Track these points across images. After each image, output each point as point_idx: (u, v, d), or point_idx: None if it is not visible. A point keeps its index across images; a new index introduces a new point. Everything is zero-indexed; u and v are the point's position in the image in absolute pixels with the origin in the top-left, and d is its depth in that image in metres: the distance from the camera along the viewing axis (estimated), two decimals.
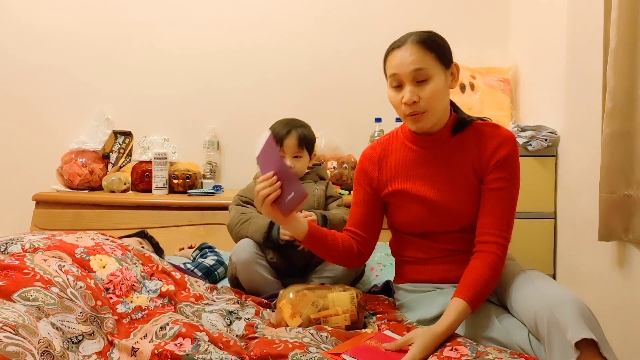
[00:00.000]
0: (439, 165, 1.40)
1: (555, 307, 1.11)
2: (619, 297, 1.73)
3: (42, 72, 2.67)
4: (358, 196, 1.51)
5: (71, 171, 2.50)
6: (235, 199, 1.85)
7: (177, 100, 2.70)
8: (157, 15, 2.67)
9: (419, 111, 1.32)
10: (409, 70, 1.30)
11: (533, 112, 2.41)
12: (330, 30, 2.68)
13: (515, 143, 1.37)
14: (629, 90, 1.58)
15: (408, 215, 1.43)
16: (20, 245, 1.38)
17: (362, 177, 1.50)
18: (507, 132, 1.38)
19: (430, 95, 1.31)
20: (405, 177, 1.43)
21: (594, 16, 1.80)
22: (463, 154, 1.38)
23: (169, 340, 1.17)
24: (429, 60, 1.31)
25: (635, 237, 1.60)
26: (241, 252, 1.65)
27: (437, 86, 1.31)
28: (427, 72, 1.30)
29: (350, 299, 1.43)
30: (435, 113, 1.34)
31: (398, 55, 1.33)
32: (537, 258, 2.12)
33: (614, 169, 1.62)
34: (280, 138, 1.72)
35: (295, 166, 1.75)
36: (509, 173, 1.35)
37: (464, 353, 1.13)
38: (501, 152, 1.35)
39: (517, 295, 1.26)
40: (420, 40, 1.31)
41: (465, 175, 1.38)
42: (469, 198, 1.37)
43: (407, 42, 1.32)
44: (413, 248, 1.46)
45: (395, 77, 1.33)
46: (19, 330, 1.01)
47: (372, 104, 2.65)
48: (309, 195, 1.76)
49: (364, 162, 1.51)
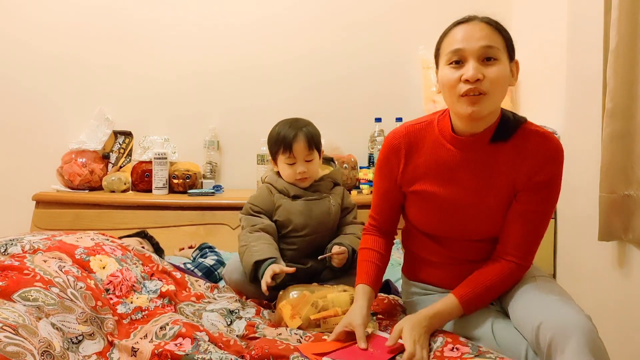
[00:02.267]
0: (474, 172, 1.25)
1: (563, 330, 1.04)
2: (618, 296, 1.73)
3: (42, 72, 2.67)
4: (382, 187, 1.39)
5: (71, 171, 2.50)
6: (247, 208, 1.70)
7: (177, 100, 2.70)
8: (157, 16, 2.67)
9: (481, 90, 1.16)
10: (478, 46, 1.17)
11: (533, 112, 2.41)
12: (330, 31, 2.68)
13: (562, 160, 1.24)
14: (629, 90, 1.58)
15: (427, 216, 1.33)
16: (20, 246, 1.38)
17: (385, 168, 1.36)
18: (555, 147, 1.23)
19: (496, 77, 1.16)
20: (433, 179, 1.29)
21: (594, 16, 1.80)
22: (501, 161, 1.24)
23: (169, 340, 1.17)
24: (499, 42, 1.19)
25: (635, 237, 1.60)
26: (233, 272, 1.66)
27: (503, 70, 1.18)
28: (496, 52, 1.17)
29: (350, 299, 1.43)
30: (495, 100, 1.19)
31: (466, 29, 1.20)
32: (537, 258, 2.09)
33: (614, 169, 1.62)
34: (289, 144, 1.61)
35: (308, 170, 1.65)
36: (548, 195, 1.24)
37: (465, 351, 1.13)
38: (547, 171, 1.21)
39: (520, 301, 1.20)
40: (490, 21, 1.21)
41: (500, 188, 1.24)
42: (498, 211, 1.26)
43: (476, 20, 1.21)
44: (424, 248, 1.38)
45: (457, 52, 1.18)
46: (19, 330, 1.01)
47: (372, 104, 2.66)
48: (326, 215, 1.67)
49: (388, 152, 1.35)
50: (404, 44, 2.63)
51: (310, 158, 1.65)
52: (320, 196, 1.69)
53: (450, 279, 1.32)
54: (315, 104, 2.66)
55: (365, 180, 2.47)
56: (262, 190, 1.72)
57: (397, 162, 1.33)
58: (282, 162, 1.66)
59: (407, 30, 2.66)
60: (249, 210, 1.69)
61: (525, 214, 1.24)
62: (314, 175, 1.69)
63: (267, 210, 1.68)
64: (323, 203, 1.69)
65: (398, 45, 2.64)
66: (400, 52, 2.63)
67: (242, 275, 1.61)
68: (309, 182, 1.68)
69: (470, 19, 1.22)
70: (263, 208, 1.68)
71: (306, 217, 1.65)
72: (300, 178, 1.66)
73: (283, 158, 1.65)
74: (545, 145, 1.22)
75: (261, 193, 1.71)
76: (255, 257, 1.54)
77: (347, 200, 1.77)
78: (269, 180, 1.72)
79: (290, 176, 1.67)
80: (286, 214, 1.66)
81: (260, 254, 1.54)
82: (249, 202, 1.71)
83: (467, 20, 1.22)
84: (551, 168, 1.22)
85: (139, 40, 2.68)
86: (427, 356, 1.13)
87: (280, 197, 1.68)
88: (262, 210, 1.68)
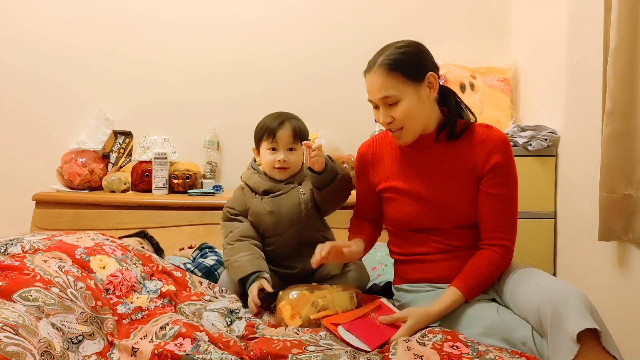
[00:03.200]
0: (431, 162, 1.43)
1: (558, 301, 1.13)
2: (619, 296, 1.73)
3: (42, 72, 2.67)
4: (361, 190, 1.59)
5: (71, 171, 2.50)
6: (224, 213, 1.71)
7: (177, 100, 2.70)
8: (157, 16, 2.67)
9: (396, 127, 1.39)
10: (378, 97, 1.37)
11: (533, 112, 2.41)
12: (330, 31, 2.68)
13: (508, 146, 1.39)
14: (629, 90, 1.58)
15: (401, 212, 1.46)
16: (20, 246, 1.38)
17: (360, 173, 1.58)
18: (499, 136, 1.40)
19: (402, 116, 1.36)
20: (397, 175, 1.47)
21: (594, 16, 1.80)
22: (456, 154, 1.41)
23: (169, 341, 1.17)
24: (396, 83, 1.34)
25: (635, 237, 1.60)
26: (228, 285, 1.64)
27: (408, 106, 1.35)
28: (395, 97, 1.35)
29: (350, 298, 1.44)
30: (414, 128, 1.40)
31: (368, 81, 1.39)
32: (537, 258, 2.12)
33: (614, 169, 1.62)
34: (273, 130, 1.61)
35: (289, 159, 1.63)
36: (505, 178, 1.38)
37: (465, 352, 1.13)
38: (495, 158, 1.37)
39: (517, 290, 1.28)
40: (386, 63, 1.34)
41: (460, 172, 1.40)
42: (464, 194, 1.40)
43: (375, 66, 1.36)
44: (410, 244, 1.47)
45: (370, 101, 1.40)
46: (19, 330, 1.01)
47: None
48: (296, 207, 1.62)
49: (360, 159, 1.58)
50: None
51: (293, 147, 1.64)
52: (287, 189, 1.65)
53: (440, 269, 1.42)
54: (316, 104, 2.66)
55: None
56: (236, 192, 1.73)
57: (367, 167, 1.55)
58: (264, 148, 1.65)
59: (407, 30, 2.63)
60: (227, 214, 1.70)
61: (492, 197, 1.37)
62: (294, 168, 1.66)
63: (242, 211, 1.68)
64: (291, 195, 1.64)
65: None
66: None
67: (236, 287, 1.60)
68: (286, 175, 1.66)
69: (371, 67, 1.38)
70: (239, 210, 1.68)
71: (275, 215, 1.62)
72: (279, 167, 1.63)
73: (266, 144, 1.64)
74: (489, 134, 1.40)
75: (235, 195, 1.72)
76: (238, 275, 1.54)
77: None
78: (244, 178, 1.73)
79: (270, 163, 1.64)
80: (255, 215, 1.65)
81: (242, 270, 1.53)
82: (225, 206, 1.72)
83: (369, 68, 1.39)
84: (499, 154, 1.37)
85: (139, 40, 2.67)
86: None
87: (251, 197, 1.67)
88: (238, 212, 1.68)
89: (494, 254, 1.35)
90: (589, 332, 1.07)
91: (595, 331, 1.08)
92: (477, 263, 1.35)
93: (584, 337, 1.06)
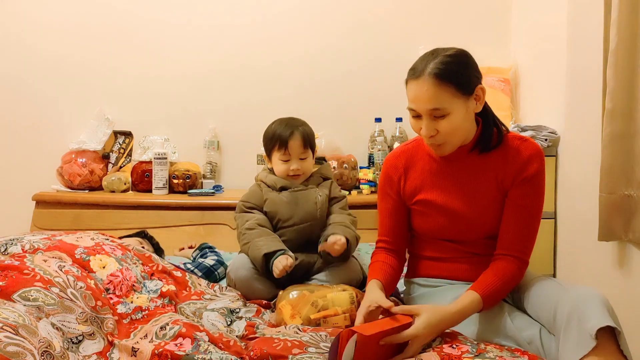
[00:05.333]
0: (463, 176, 1.39)
1: (580, 299, 1.12)
2: (619, 297, 1.73)
3: (42, 72, 2.67)
4: (387, 205, 1.48)
5: (71, 171, 2.50)
6: (239, 206, 1.78)
7: (177, 100, 2.70)
8: (157, 16, 2.66)
9: (438, 142, 1.32)
10: (426, 108, 1.27)
11: (533, 112, 2.41)
12: (330, 31, 2.68)
13: (543, 159, 1.35)
14: (629, 90, 1.58)
15: (431, 224, 1.43)
16: (20, 246, 1.38)
17: (388, 185, 1.48)
18: (535, 147, 1.36)
19: (448, 131, 1.29)
20: (430, 187, 1.42)
21: (594, 16, 1.80)
22: (488, 165, 1.37)
23: (169, 340, 1.17)
24: (446, 95, 1.26)
25: (635, 237, 1.60)
26: (239, 269, 1.64)
27: (455, 120, 1.28)
28: (444, 110, 1.26)
29: (350, 298, 1.44)
30: (454, 143, 1.34)
31: (415, 89, 1.28)
32: (537, 258, 2.11)
33: (614, 169, 1.62)
34: (284, 142, 1.69)
35: (302, 167, 1.73)
36: (535, 190, 1.34)
37: (465, 350, 1.13)
38: (530, 168, 1.33)
39: (537, 290, 1.28)
40: (437, 73, 1.25)
41: (489, 186, 1.37)
42: (491, 209, 1.37)
43: (424, 75, 1.26)
44: (434, 249, 1.45)
45: (412, 110, 1.31)
46: (19, 330, 1.01)
47: (372, 104, 2.65)
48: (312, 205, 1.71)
49: (389, 170, 1.48)
50: (404, 44, 2.62)
51: (305, 156, 1.72)
52: (306, 187, 1.75)
53: (459, 270, 1.41)
54: (316, 104, 2.66)
55: (365, 180, 2.47)
56: (252, 187, 1.81)
57: (398, 178, 1.46)
58: (277, 158, 1.73)
59: (407, 30, 2.66)
60: (242, 207, 1.76)
61: (519, 208, 1.34)
62: (307, 173, 1.76)
63: (258, 205, 1.75)
64: (309, 193, 1.73)
65: (398, 45, 2.64)
66: (400, 52, 2.63)
67: (248, 271, 1.62)
68: (301, 180, 1.76)
69: (419, 75, 1.27)
70: (254, 203, 1.75)
71: (292, 206, 1.70)
72: (293, 175, 1.73)
73: (278, 155, 1.72)
74: (524, 146, 1.36)
75: (252, 190, 1.80)
76: (263, 251, 1.58)
77: (335, 191, 1.82)
78: (260, 177, 1.81)
79: (283, 172, 1.74)
80: (272, 205, 1.72)
81: (267, 247, 1.59)
82: (241, 200, 1.78)
83: (417, 76, 1.28)
84: (534, 164, 1.34)
85: (139, 40, 2.67)
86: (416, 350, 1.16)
87: (268, 191, 1.75)
88: (254, 205, 1.75)
89: (512, 265, 1.32)
90: (605, 332, 1.07)
91: (611, 332, 1.07)
92: (495, 271, 1.31)
93: (600, 336, 1.06)
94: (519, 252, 1.33)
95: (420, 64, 1.29)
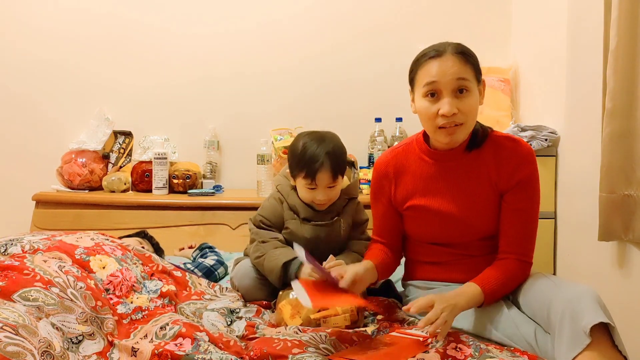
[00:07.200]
0: (456, 178, 1.39)
1: (572, 296, 1.13)
2: (619, 297, 1.73)
3: (42, 72, 2.67)
4: (379, 211, 1.51)
5: (71, 171, 2.50)
6: (256, 220, 1.64)
7: (177, 100, 2.70)
8: (157, 16, 2.67)
9: (457, 122, 1.29)
10: (451, 79, 1.27)
11: (533, 112, 2.41)
12: (330, 31, 2.68)
13: (535, 160, 1.37)
14: (629, 90, 1.57)
15: (425, 228, 1.44)
16: (20, 246, 1.38)
17: (379, 193, 1.49)
18: (527, 150, 1.37)
19: (470, 109, 1.30)
20: (422, 192, 1.42)
21: (594, 16, 1.80)
22: (480, 166, 1.37)
23: (169, 341, 1.17)
24: (469, 72, 1.29)
25: (635, 237, 1.60)
26: (243, 278, 1.61)
27: (475, 99, 1.31)
28: (468, 84, 1.28)
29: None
30: (470, 127, 1.34)
31: (438, 65, 1.29)
32: (537, 258, 2.09)
33: (614, 169, 1.62)
34: (313, 172, 1.49)
35: (329, 196, 1.55)
36: (530, 192, 1.35)
37: (468, 354, 1.14)
38: (522, 172, 1.34)
39: (532, 287, 1.29)
40: (460, 52, 1.29)
41: (482, 187, 1.37)
42: (486, 210, 1.38)
43: (447, 52, 1.29)
44: (429, 253, 1.46)
45: (432, 85, 1.29)
46: (19, 330, 1.01)
47: (372, 104, 2.65)
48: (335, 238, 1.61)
49: (379, 178, 1.48)
50: (404, 44, 2.62)
51: (334, 184, 1.54)
52: (330, 219, 1.59)
53: (455, 272, 1.41)
54: (316, 104, 2.66)
55: (365, 180, 2.46)
56: (272, 201, 1.64)
57: (388, 185, 1.47)
58: (302, 185, 1.55)
59: (407, 30, 2.66)
60: (260, 224, 1.63)
61: (516, 212, 1.35)
62: (333, 199, 1.58)
63: (276, 224, 1.62)
64: (334, 228, 1.60)
65: (398, 44, 2.64)
66: (400, 52, 2.62)
67: (253, 280, 1.59)
68: (326, 207, 1.59)
69: (441, 53, 1.30)
70: (273, 222, 1.62)
71: (314, 242, 1.57)
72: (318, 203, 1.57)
73: (304, 182, 1.53)
74: (518, 148, 1.36)
75: (271, 205, 1.63)
76: (281, 260, 1.49)
77: (359, 215, 1.68)
78: (280, 189, 1.64)
79: (308, 199, 1.58)
80: (293, 236, 1.59)
81: (285, 256, 1.50)
82: (259, 213, 1.64)
83: (438, 55, 1.30)
84: (527, 168, 1.35)
85: (139, 40, 2.67)
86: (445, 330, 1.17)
87: (290, 215, 1.60)
88: (273, 224, 1.62)
89: (514, 264, 1.34)
90: (599, 328, 1.07)
91: (605, 329, 1.08)
92: (496, 269, 1.33)
93: (594, 333, 1.07)
94: (522, 255, 1.35)
95: (439, 46, 1.31)
